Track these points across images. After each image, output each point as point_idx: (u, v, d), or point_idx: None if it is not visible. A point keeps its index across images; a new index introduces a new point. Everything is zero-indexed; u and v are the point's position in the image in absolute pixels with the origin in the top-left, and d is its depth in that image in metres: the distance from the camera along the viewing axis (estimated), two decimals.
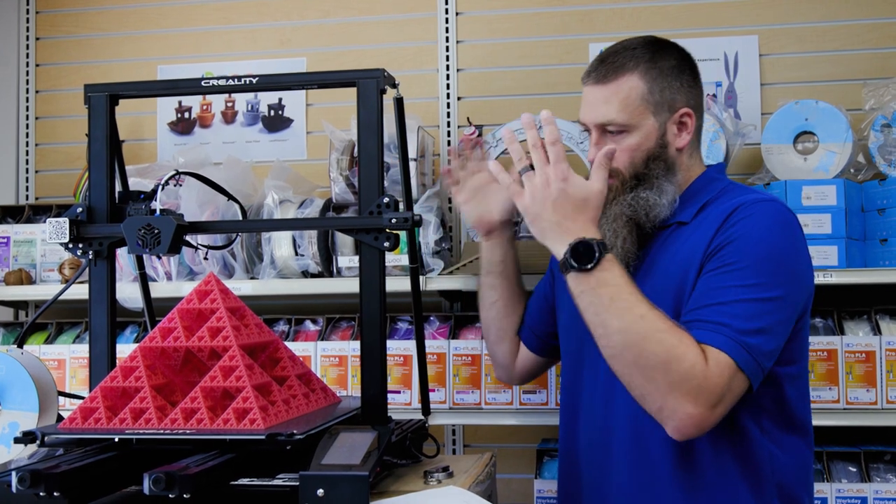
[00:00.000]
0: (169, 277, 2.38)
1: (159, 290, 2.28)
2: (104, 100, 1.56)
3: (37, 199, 2.85)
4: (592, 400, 1.63)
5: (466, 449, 2.59)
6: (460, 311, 2.51)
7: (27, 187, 2.85)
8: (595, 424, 1.62)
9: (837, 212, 2.15)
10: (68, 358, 2.42)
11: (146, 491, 1.11)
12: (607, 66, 1.58)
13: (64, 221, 1.51)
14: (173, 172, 1.62)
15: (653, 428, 1.47)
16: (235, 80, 1.53)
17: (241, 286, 2.29)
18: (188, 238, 1.56)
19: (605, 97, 1.57)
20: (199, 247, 1.73)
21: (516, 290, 1.87)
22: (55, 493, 1.17)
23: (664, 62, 1.59)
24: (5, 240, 2.55)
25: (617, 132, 1.57)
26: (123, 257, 2.28)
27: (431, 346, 2.27)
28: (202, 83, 1.54)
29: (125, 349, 2.19)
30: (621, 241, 1.55)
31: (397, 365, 2.27)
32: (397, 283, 2.04)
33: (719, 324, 1.40)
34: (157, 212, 1.50)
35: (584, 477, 1.64)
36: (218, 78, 1.53)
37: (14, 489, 1.15)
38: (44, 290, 2.48)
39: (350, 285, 2.28)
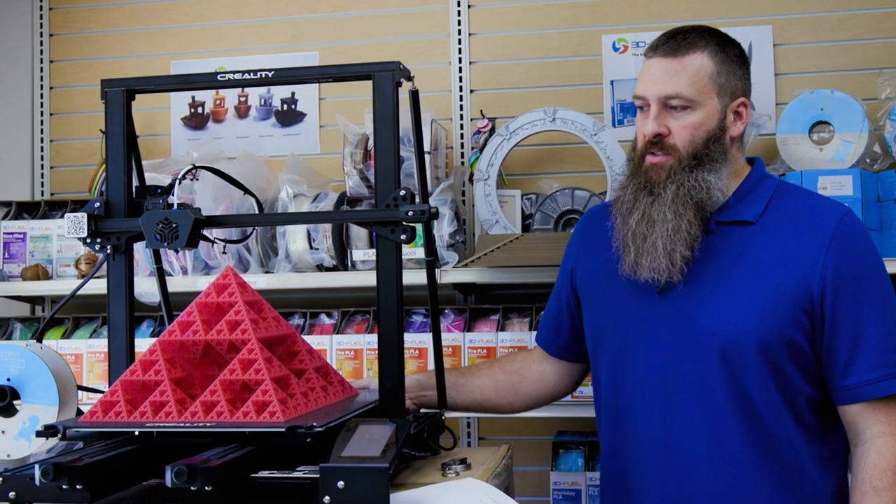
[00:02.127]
0: (185, 272, 2.40)
1: (175, 284, 2.29)
2: (121, 95, 1.56)
3: (52, 194, 2.86)
4: (646, 404, 1.59)
5: (481, 441, 2.60)
6: (475, 304, 2.52)
7: (42, 183, 2.87)
8: (652, 431, 1.58)
9: (854, 202, 2.14)
10: (85, 352, 2.43)
11: (168, 483, 1.12)
12: (678, 41, 1.57)
13: (82, 216, 1.51)
14: (190, 167, 1.62)
15: (732, 429, 1.51)
16: (251, 74, 1.52)
17: (256, 280, 2.30)
18: (205, 232, 1.56)
19: (674, 70, 1.55)
20: (216, 241, 1.73)
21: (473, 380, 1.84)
22: (78, 486, 1.17)
23: (730, 50, 1.60)
24: (21, 235, 2.56)
25: (680, 108, 1.55)
26: (139, 252, 2.29)
27: (447, 338, 2.27)
28: (218, 77, 1.54)
29: (142, 343, 2.21)
30: (686, 223, 1.53)
31: (412, 358, 2.28)
32: (412, 276, 2.04)
33: (880, 367, 1.50)
34: (175, 206, 1.50)
35: (641, 486, 1.60)
36: (234, 72, 1.53)
37: (37, 482, 1.16)
38: (60, 286, 2.50)
39: (365, 279, 2.29)
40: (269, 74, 1.53)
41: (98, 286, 1.70)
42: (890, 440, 1.50)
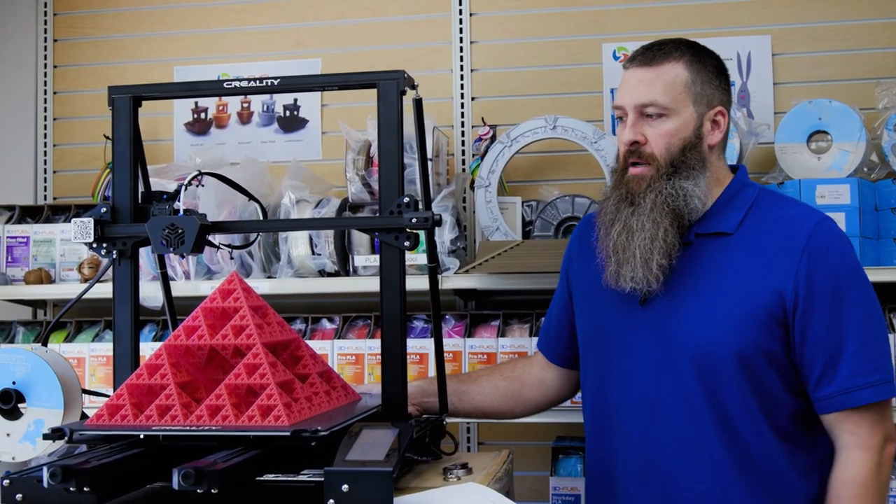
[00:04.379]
0: (187, 277, 2.41)
1: (178, 289, 2.29)
2: (128, 101, 1.57)
3: (55, 199, 2.88)
4: (628, 416, 1.61)
5: (481, 446, 2.61)
6: (475, 310, 2.53)
7: (45, 188, 2.88)
8: (635, 443, 1.60)
9: (851, 210, 2.16)
10: (88, 356, 2.44)
11: (175, 486, 1.13)
12: (654, 51, 1.60)
13: (89, 221, 1.52)
14: (196, 173, 1.64)
15: (712, 441, 1.53)
16: (257, 81, 1.54)
17: (258, 285, 2.31)
18: (210, 238, 1.58)
19: (649, 79, 1.58)
20: (222, 246, 1.75)
21: (471, 386, 1.85)
22: (85, 489, 1.18)
23: (707, 60, 1.62)
24: (25, 239, 2.58)
25: (656, 115, 1.58)
26: (142, 257, 2.30)
27: (447, 344, 2.28)
28: (224, 85, 1.56)
29: (144, 348, 2.22)
30: (663, 231, 1.54)
31: (413, 363, 2.29)
32: (412, 282, 2.05)
33: (856, 376, 1.50)
34: (181, 212, 1.51)
35: (628, 490, 1.61)
36: (240, 80, 1.55)
37: (45, 484, 1.17)
38: (63, 290, 2.51)
39: (366, 284, 2.31)
40: (275, 82, 1.54)
41: (100, 291, 1.70)
42: (855, 451, 1.51)
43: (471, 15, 2.69)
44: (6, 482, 1.24)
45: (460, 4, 2.69)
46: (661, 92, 1.57)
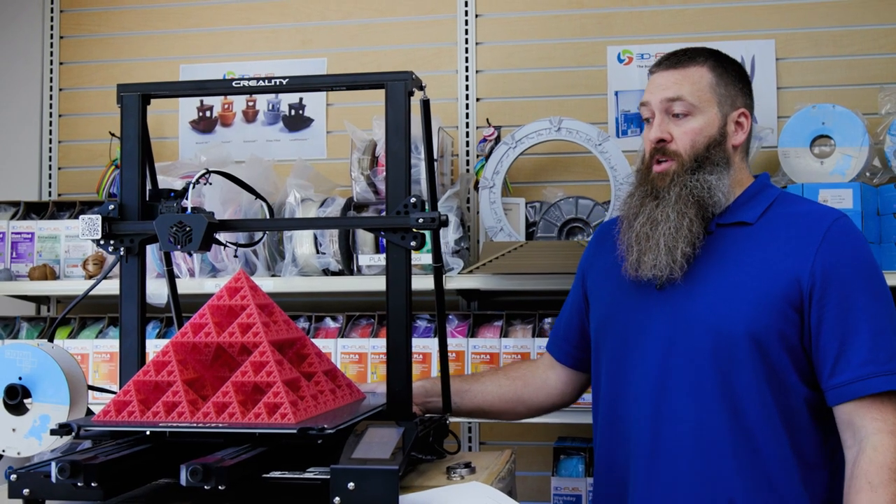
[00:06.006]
0: (192, 274, 2.42)
1: (182, 286, 2.30)
2: (136, 99, 1.58)
3: (59, 195, 2.89)
4: (640, 398, 1.63)
5: (482, 446, 2.62)
6: (478, 310, 2.54)
7: (50, 184, 2.89)
8: (644, 424, 1.61)
9: (854, 215, 2.17)
10: (91, 352, 2.45)
11: (183, 482, 1.14)
12: (680, 55, 1.67)
13: (97, 218, 1.53)
14: (204, 171, 1.64)
15: (718, 423, 1.54)
16: (265, 81, 1.55)
17: (262, 283, 2.30)
18: (216, 236, 1.58)
19: (676, 80, 1.64)
20: (228, 244, 1.76)
21: (475, 388, 1.86)
22: (93, 484, 1.19)
23: (729, 66, 1.68)
24: (29, 235, 2.58)
25: (682, 114, 1.63)
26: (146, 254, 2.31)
27: (450, 344, 2.29)
28: (233, 84, 1.57)
29: (148, 344, 2.22)
30: (688, 221, 1.58)
31: (416, 363, 2.30)
32: (416, 282, 2.06)
33: (869, 364, 1.51)
34: (188, 210, 1.52)
35: (633, 478, 1.63)
36: (248, 79, 1.56)
37: (54, 479, 1.18)
38: (67, 286, 2.52)
39: (370, 283, 2.31)
40: (284, 82, 1.55)
41: (105, 287, 1.71)
42: (886, 437, 1.50)
43: (476, 16, 2.70)
44: (13, 477, 1.25)
45: (466, 6, 2.70)
46: (688, 90, 1.63)
